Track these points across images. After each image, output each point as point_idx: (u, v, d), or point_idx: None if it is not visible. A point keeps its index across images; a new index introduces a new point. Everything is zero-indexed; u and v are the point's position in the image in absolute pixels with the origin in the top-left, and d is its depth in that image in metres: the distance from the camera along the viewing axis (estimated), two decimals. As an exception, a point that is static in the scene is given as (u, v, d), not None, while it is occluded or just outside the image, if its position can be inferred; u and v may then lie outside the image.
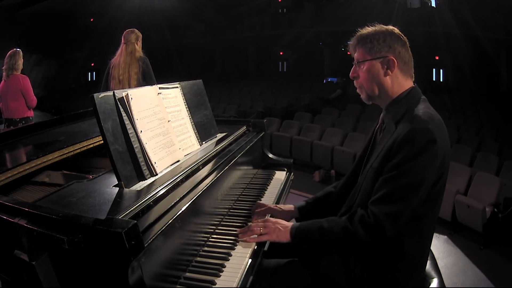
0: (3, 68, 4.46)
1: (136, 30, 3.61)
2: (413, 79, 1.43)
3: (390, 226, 1.22)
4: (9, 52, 4.46)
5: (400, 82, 1.39)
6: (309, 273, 1.37)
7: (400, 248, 1.28)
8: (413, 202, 1.23)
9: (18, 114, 4.45)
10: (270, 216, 1.65)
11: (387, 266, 1.30)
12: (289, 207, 1.66)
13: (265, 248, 1.45)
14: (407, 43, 1.41)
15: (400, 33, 1.41)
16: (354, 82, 1.46)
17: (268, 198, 1.93)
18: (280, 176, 2.24)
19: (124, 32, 3.58)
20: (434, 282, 1.45)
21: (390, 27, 1.42)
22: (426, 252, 1.38)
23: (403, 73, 1.39)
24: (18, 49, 4.55)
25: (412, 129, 1.25)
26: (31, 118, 4.59)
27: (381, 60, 1.37)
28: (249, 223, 1.51)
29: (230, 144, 1.96)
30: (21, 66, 4.46)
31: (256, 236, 1.41)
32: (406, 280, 1.31)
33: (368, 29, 1.41)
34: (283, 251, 1.48)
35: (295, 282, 1.37)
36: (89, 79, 18.09)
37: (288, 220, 1.63)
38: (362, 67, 1.41)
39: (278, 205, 1.68)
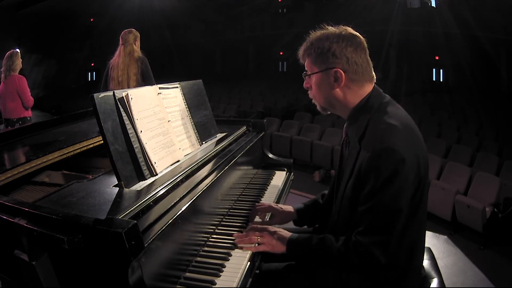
0: (1, 69, 4.51)
1: (134, 30, 3.59)
2: (374, 81, 1.33)
3: (382, 254, 1.18)
4: (7, 53, 4.54)
5: (354, 91, 1.29)
6: (306, 277, 1.37)
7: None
8: (398, 226, 1.18)
9: (15, 114, 4.52)
10: (270, 215, 1.66)
11: (381, 273, 1.28)
12: (289, 208, 1.65)
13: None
14: (363, 43, 1.29)
15: (353, 32, 1.29)
16: (308, 92, 1.38)
17: (268, 198, 1.93)
18: (280, 176, 2.24)
19: (122, 33, 3.55)
20: (434, 282, 1.45)
21: (341, 28, 1.30)
22: (420, 252, 1.37)
23: (356, 82, 1.28)
24: (16, 50, 4.62)
25: (376, 153, 1.17)
26: (28, 118, 4.65)
27: (327, 73, 1.27)
28: (248, 228, 1.49)
29: (230, 144, 1.96)
30: (19, 67, 4.54)
31: (253, 245, 1.38)
32: (404, 281, 1.30)
33: (315, 35, 1.30)
34: (282, 254, 1.48)
35: (292, 285, 1.37)
36: (89, 79, 18.10)
37: (287, 222, 1.64)
38: (311, 79, 1.33)
39: (279, 205, 1.68)
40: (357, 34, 1.30)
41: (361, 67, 1.28)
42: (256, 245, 1.38)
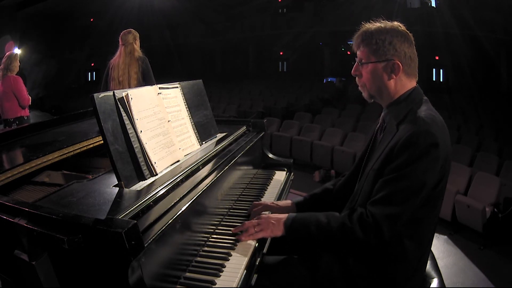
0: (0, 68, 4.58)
1: (133, 30, 3.60)
2: (417, 78, 1.41)
3: (388, 228, 1.22)
4: (7, 54, 4.66)
5: (404, 83, 1.36)
6: (308, 271, 1.37)
7: (400, 250, 1.27)
8: (413, 205, 1.22)
9: (11, 114, 4.61)
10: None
11: (386, 267, 1.30)
12: (286, 202, 1.67)
13: (264, 251, 1.45)
14: (413, 40, 1.36)
15: (406, 30, 1.36)
16: (356, 79, 1.43)
17: (268, 198, 1.93)
18: (280, 176, 2.24)
19: (121, 33, 3.57)
20: (434, 282, 1.45)
21: (396, 23, 1.36)
22: (426, 253, 1.38)
23: (407, 75, 1.36)
24: (14, 52, 4.71)
25: (415, 132, 1.23)
26: (25, 118, 4.74)
27: (386, 64, 1.33)
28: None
29: (230, 144, 1.96)
30: (16, 69, 4.65)
31: (252, 234, 1.40)
32: (406, 281, 1.31)
33: (374, 26, 1.35)
34: (283, 248, 1.48)
35: (294, 280, 1.37)
36: (89, 79, 18.12)
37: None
38: (365, 67, 1.38)
39: (274, 202, 1.68)
40: (408, 31, 1.37)
41: (413, 62, 1.36)
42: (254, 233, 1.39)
